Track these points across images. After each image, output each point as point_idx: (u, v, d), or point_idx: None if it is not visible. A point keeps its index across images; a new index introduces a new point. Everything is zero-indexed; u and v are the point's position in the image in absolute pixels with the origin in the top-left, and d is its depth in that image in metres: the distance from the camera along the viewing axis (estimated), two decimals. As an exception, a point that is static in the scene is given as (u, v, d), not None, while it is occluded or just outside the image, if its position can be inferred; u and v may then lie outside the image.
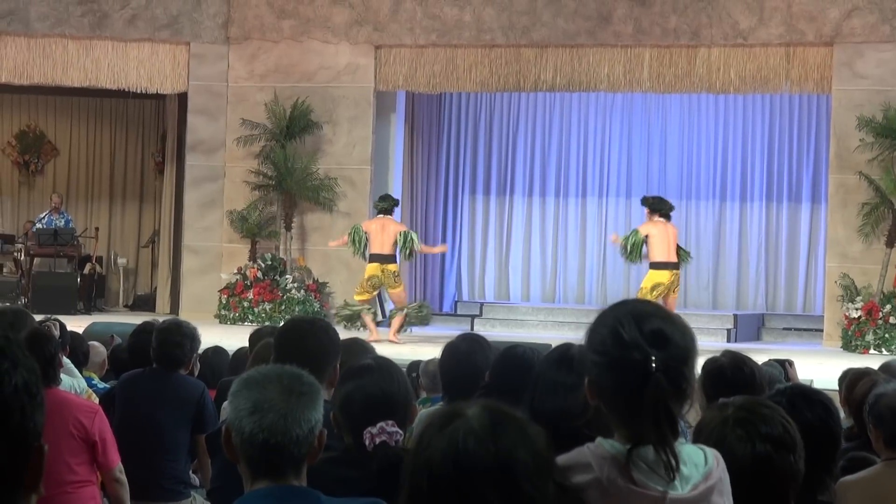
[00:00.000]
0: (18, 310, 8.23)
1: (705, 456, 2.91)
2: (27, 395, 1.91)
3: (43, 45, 19.24)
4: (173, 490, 6.95)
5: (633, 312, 2.90)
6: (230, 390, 3.28)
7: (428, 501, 2.24)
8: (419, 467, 2.26)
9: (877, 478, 4.85)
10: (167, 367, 6.93)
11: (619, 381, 2.85)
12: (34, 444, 1.92)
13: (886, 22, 17.14)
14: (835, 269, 17.24)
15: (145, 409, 6.86)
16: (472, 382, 5.61)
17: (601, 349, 2.89)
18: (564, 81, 18.32)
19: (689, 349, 2.88)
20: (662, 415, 2.80)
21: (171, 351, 6.92)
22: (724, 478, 2.92)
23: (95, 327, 12.65)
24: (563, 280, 21.00)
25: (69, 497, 5.96)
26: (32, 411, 1.92)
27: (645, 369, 2.80)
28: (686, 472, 2.85)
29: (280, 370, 3.29)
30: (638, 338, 2.83)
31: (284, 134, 18.73)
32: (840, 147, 17.29)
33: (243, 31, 19.18)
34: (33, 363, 1.94)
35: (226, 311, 18.64)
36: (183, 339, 6.95)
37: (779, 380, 6.49)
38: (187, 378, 7.06)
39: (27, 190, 22.41)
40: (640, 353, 2.81)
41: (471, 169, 21.31)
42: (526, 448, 2.26)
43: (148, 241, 22.00)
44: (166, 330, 7.01)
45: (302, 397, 3.19)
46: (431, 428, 2.30)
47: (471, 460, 2.22)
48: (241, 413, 3.17)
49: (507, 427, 2.28)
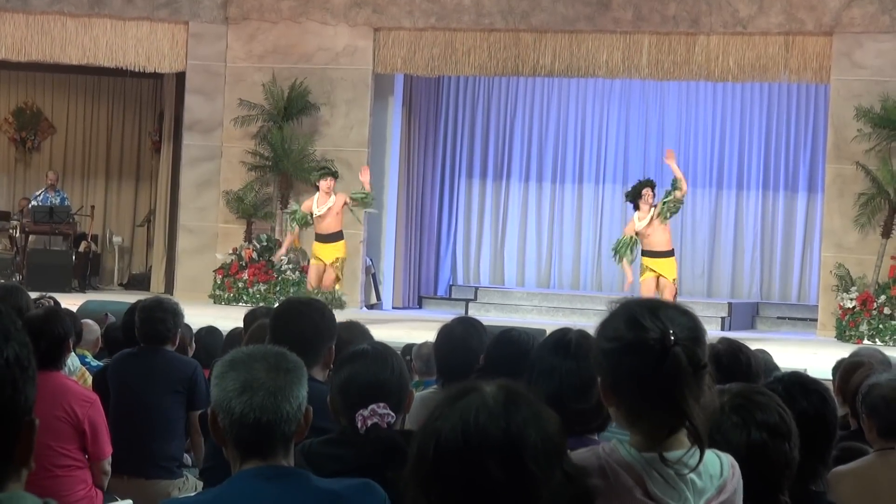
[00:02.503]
0: (12, 286, 8.23)
1: (721, 465, 2.88)
2: (19, 369, 1.90)
3: (41, 23, 19.20)
4: (166, 468, 6.96)
5: (645, 304, 2.89)
6: (213, 373, 3.27)
7: (432, 470, 2.22)
8: (428, 435, 2.25)
9: (870, 468, 4.85)
10: (153, 343, 6.95)
11: (636, 363, 2.80)
12: (25, 418, 1.91)
13: (886, 12, 17.11)
14: (830, 258, 17.24)
15: (137, 387, 6.88)
16: (466, 366, 5.62)
17: (615, 335, 2.85)
18: (563, 67, 18.29)
19: (699, 331, 2.87)
20: (686, 391, 2.77)
21: (154, 327, 6.94)
22: (738, 489, 2.89)
23: (90, 305, 12.63)
24: (559, 265, 21.01)
25: (58, 480, 5.97)
26: (24, 385, 1.90)
27: (663, 345, 2.77)
28: (700, 485, 2.82)
29: (264, 349, 3.29)
30: (653, 321, 2.81)
31: (282, 115, 18.71)
32: (837, 137, 17.28)
33: (242, 11, 19.13)
34: (25, 337, 1.92)
35: (220, 291, 18.64)
36: (165, 315, 6.97)
37: (775, 367, 6.48)
38: (179, 356, 7.10)
39: (23, 167, 22.38)
40: (657, 332, 2.79)
41: (468, 153, 21.29)
42: (537, 429, 2.24)
43: (143, 220, 21.99)
44: (147, 308, 7.04)
45: (289, 374, 3.20)
46: (447, 399, 2.30)
47: (480, 434, 2.21)
48: (229, 394, 3.16)
49: (520, 406, 2.26)
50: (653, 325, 2.80)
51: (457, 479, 2.21)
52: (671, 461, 2.79)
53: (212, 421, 3.22)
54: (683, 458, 2.80)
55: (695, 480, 2.80)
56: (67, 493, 5.99)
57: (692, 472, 2.80)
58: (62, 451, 6.02)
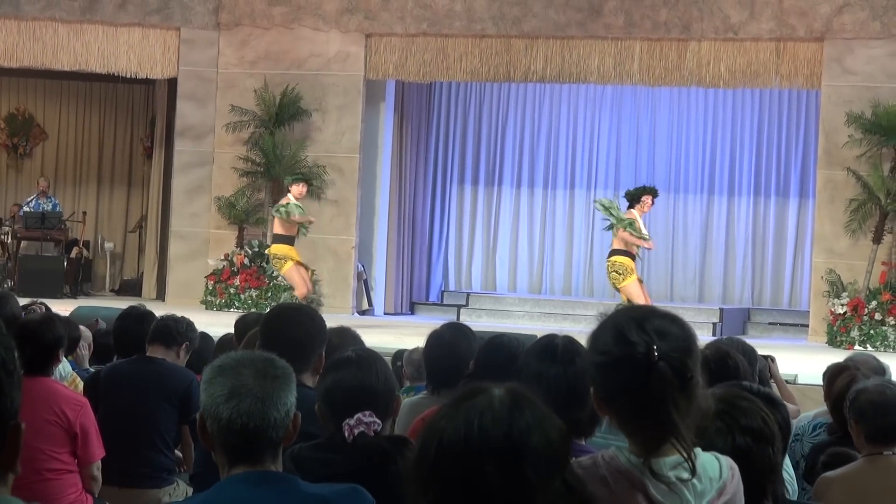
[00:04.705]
0: (2, 293, 8.22)
1: (720, 467, 2.90)
2: (4, 373, 1.90)
3: (33, 29, 19.20)
4: (157, 477, 6.94)
5: (632, 315, 2.89)
6: (202, 378, 3.28)
7: (432, 469, 2.23)
8: (431, 434, 2.26)
9: (858, 473, 4.86)
10: (132, 352, 7.11)
11: (624, 378, 2.82)
12: (10, 422, 1.91)
13: (877, 18, 17.14)
14: (821, 264, 17.26)
15: (131, 397, 6.83)
16: (456, 371, 5.63)
17: (603, 349, 2.87)
18: (554, 72, 18.30)
19: (690, 342, 2.88)
20: (671, 407, 2.78)
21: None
22: (738, 491, 2.91)
23: (81, 311, 12.61)
24: (550, 271, 21.01)
25: (48, 484, 5.96)
26: (10, 389, 1.90)
27: (648, 360, 2.79)
28: (700, 488, 2.83)
29: (252, 355, 3.30)
30: (640, 334, 2.82)
31: (273, 121, 18.70)
32: (828, 143, 17.30)
33: (234, 17, 19.13)
34: (10, 341, 1.93)
35: (212, 297, 18.62)
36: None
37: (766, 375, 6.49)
38: (177, 367, 7.05)
39: (15, 173, 22.35)
40: (643, 346, 2.80)
41: (459, 159, 21.30)
42: (540, 437, 2.24)
43: (135, 226, 21.96)
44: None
45: (276, 380, 3.20)
46: (455, 400, 2.31)
47: (482, 437, 2.22)
48: (217, 400, 3.17)
49: (525, 412, 2.26)
50: (639, 339, 2.82)
51: (455, 480, 2.21)
52: (669, 466, 2.81)
53: (200, 426, 3.23)
54: (683, 463, 2.81)
55: (695, 484, 2.82)
56: (57, 498, 5.97)
57: (692, 477, 2.81)
58: (52, 455, 6.01)
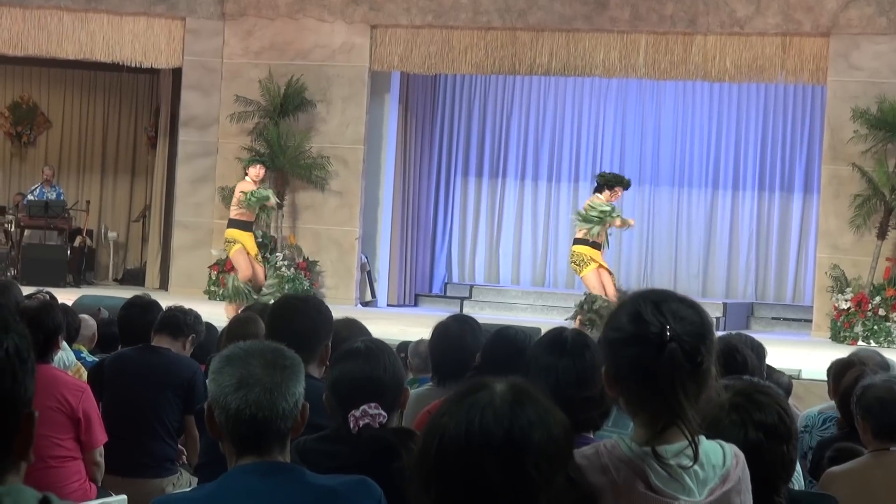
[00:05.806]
0: (5, 282, 8.21)
1: (724, 455, 2.89)
2: (18, 361, 1.89)
3: (38, 17, 19.17)
4: (160, 467, 6.93)
5: (651, 297, 2.90)
6: (211, 368, 3.27)
7: (433, 466, 2.22)
8: (433, 431, 2.25)
9: (864, 469, 4.85)
10: (140, 339, 7.08)
11: (636, 355, 2.82)
12: (24, 410, 1.90)
13: (883, 14, 17.11)
14: (825, 259, 17.24)
15: (135, 386, 6.82)
16: (462, 364, 5.61)
17: (618, 326, 2.87)
18: (560, 65, 18.27)
19: (705, 329, 2.87)
20: (679, 390, 2.78)
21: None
22: (743, 476, 2.89)
23: (84, 300, 12.62)
24: (554, 264, 21.00)
25: (53, 472, 5.95)
26: (23, 377, 1.90)
27: (661, 340, 2.79)
28: (703, 475, 2.82)
29: (261, 345, 3.29)
30: (655, 315, 2.82)
31: (278, 111, 18.68)
32: (834, 138, 17.27)
33: (239, 7, 19.11)
34: (24, 329, 1.92)
35: (215, 287, 18.61)
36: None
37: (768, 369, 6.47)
38: (181, 357, 7.03)
39: (19, 161, 22.35)
40: (656, 327, 2.80)
41: (464, 151, 21.28)
42: (543, 432, 2.22)
43: (139, 216, 21.96)
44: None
45: (285, 370, 3.19)
46: (457, 395, 2.29)
47: (483, 433, 2.20)
48: (225, 389, 3.16)
49: (527, 407, 2.25)
50: (654, 320, 2.82)
51: (456, 477, 2.20)
52: (672, 453, 2.80)
53: (208, 416, 3.22)
54: (686, 451, 2.80)
55: (697, 471, 2.81)
56: (62, 485, 5.96)
57: (694, 464, 2.80)
58: (56, 442, 6.00)
